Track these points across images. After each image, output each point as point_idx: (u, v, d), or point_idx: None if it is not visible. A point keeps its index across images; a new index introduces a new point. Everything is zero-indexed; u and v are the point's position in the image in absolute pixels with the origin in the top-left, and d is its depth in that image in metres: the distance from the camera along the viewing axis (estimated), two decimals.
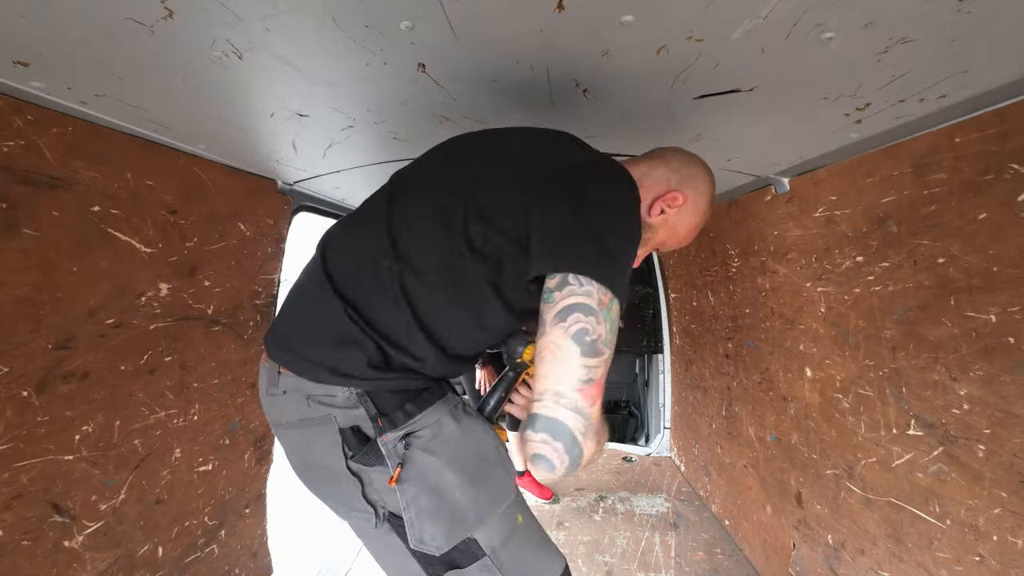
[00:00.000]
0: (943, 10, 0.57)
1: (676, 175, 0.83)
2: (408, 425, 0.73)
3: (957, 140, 0.87)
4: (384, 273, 0.72)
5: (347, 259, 0.77)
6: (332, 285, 0.74)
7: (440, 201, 0.72)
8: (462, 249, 0.69)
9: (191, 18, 0.58)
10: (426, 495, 0.73)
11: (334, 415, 0.73)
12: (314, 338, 0.74)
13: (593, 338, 0.56)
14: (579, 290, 0.58)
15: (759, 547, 1.77)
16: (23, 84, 0.72)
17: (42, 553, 0.85)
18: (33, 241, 0.80)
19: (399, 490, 0.72)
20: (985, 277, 0.85)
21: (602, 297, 0.58)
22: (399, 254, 0.72)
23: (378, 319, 0.72)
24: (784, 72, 0.74)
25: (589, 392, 0.55)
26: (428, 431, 0.74)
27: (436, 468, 0.73)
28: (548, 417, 0.55)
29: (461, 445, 0.76)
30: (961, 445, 0.93)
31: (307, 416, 0.74)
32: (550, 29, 0.63)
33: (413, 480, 0.72)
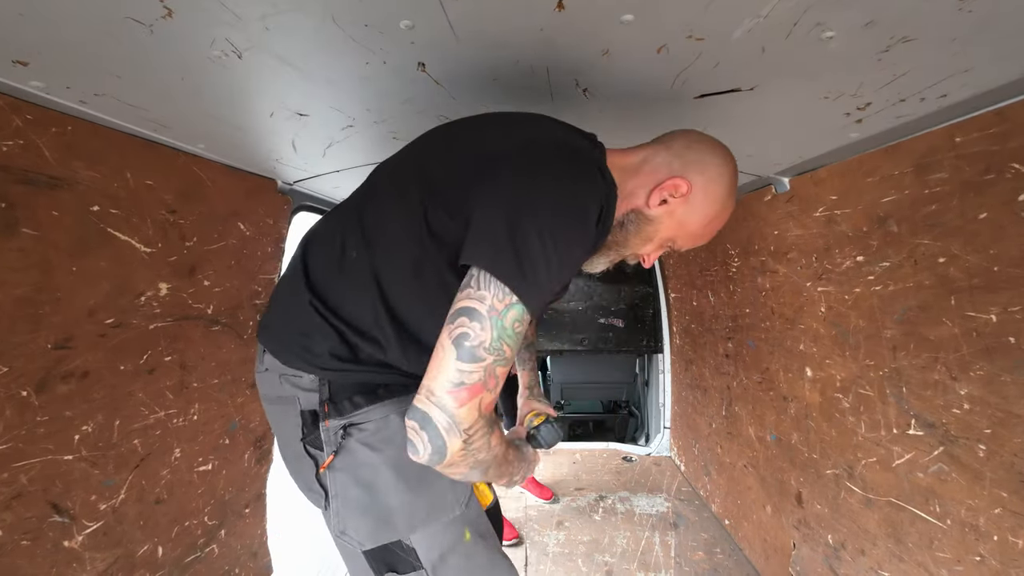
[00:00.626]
0: (944, 9, 0.57)
1: (679, 160, 0.73)
2: (351, 416, 0.72)
3: (958, 139, 0.87)
4: (354, 262, 0.72)
5: (322, 250, 0.77)
6: (305, 276, 0.75)
7: (407, 188, 0.70)
8: (423, 234, 0.67)
9: (190, 17, 0.58)
10: (356, 488, 0.73)
11: (298, 396, 0.75)
12: (287, 324, 0.76)
13: (473, 344, 0.56)
14: (474, 293, 0.58)
15: (759, 547, 1.77)
16: (22, 83, 0.72)
17: (42, 553, 0.85)
18: (32, 241, 0.80)
19: (329, 476, 0.73)
20: (986, 277, 0.85)
21: (495, 303, 0.56)
22: (368, 241, 0.71)
23: (345, 308, 0.72)
24: (784, 71, 0.74)
25: (459, 394, 0.56)
26: (373, 425, 0.73)
27: (373, 463, 0.73)
28: (417, 408, 0.57)
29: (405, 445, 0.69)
30: (962, 445, 0.93)
31: (280, 394, 0.77)
32: (550, 28, 0.63)
33: (345, 470, 0.73)
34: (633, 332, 2.92)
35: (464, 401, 0.56)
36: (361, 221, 0.73)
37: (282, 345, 0.76)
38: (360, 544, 0.74)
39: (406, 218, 0.68)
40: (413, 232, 0.68)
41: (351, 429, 0.73)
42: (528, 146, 0.67)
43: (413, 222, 0.68)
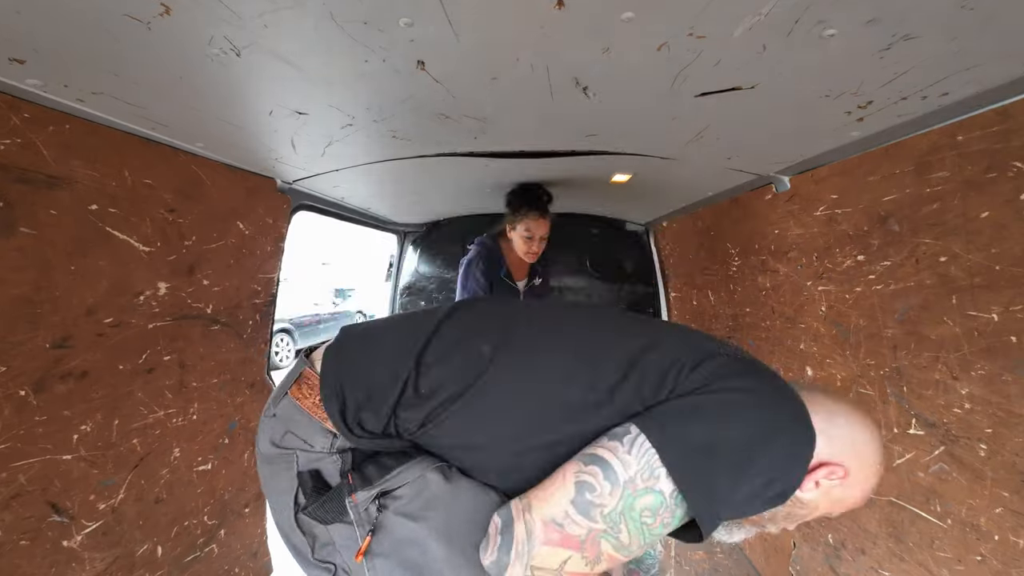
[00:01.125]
0: (946, 7, 0.56)
1: (824, 436, 0.59)
2: (384, 482, 0.61)
3: (959, 138, 0.87)
4: (475, 363, 0.64)
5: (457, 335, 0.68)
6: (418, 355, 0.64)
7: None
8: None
9: (189, 15, 0.58)
10: (403, 572, 0.60)
11: (296, 454, 0.64)
12: (362, 380, 0.65)
13: (592, 499, 0.49)
14: (621, 451, 0.50)
15: (759, 547, 1.77)
16: (19, 82, 0.72)
17: (41, 553, 0.85)
18: (31, 240, 0.80)
19: (367, 566, 0.60)
20: (987, 276, 0.85)
21: (639, 478, 0.49)
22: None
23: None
24: (785, 70, 0.74)
25: (551, 533, 0.50)
26: (408, 489, 0.62)
27: (418, 538, 0.60)
28: (510, 511, 0.53)
29: (452, 508, 0.61)
30: (962, 444, 0.92)
31: (281, 446, 0.66)
32: (550, 26, 0.63)
33: (388, 555, 0.60)
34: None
35: (552, 543, 0.50)
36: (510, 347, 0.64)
37: (342, 398, 0.63)
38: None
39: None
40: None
41: (385, 499, 0.61)
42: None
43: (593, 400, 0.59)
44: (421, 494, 0.62)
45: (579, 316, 0.72)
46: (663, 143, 1.20)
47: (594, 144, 1.22)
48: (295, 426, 0.65)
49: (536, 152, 1.29)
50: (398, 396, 0.61)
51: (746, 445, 0.52)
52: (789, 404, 0.58)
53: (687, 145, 1.18)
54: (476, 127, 1.06)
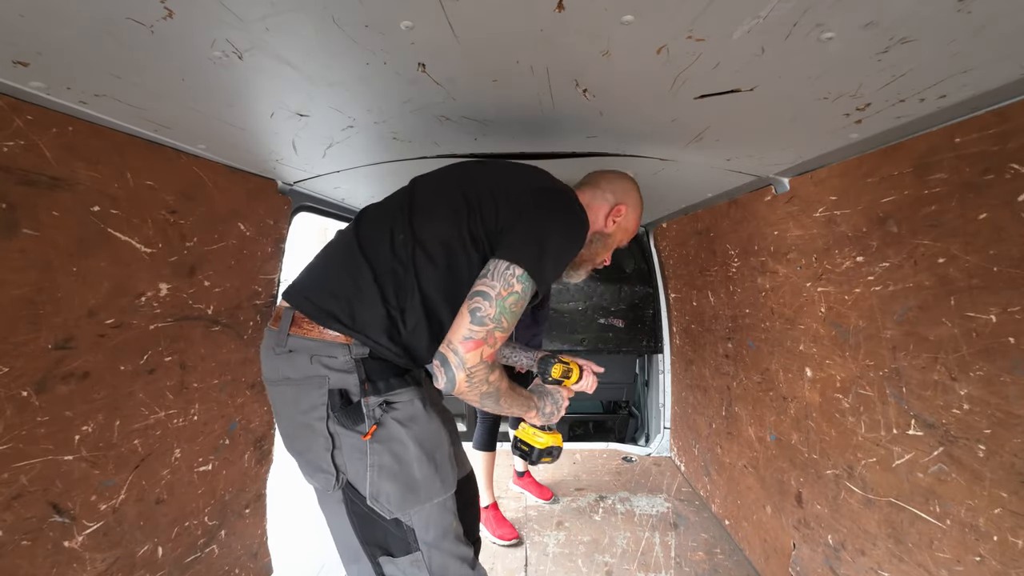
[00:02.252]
0: (943, 10, 0.57)
1: (611, 192, 1.10)
2: (388, 395, 0.85)
3: (957, 140, 0.87)
4: (401, 247, 0.87)
5: (374, 229, 0.92)
6: (361, 250, 0.88)
7: (452, 200, 0.91)
8: (463, 234, 0.87)
9: (191, 18, 0.58)
10: (390, 457, 0.84)
11: (328, 376, 0.84)
12: (335, 289, 0.87)
13: (482, 314, 0.79)
14: (488, 282, 0.81)
15: (759, 547, 1.77)
16: (23, 84, 0.72)
17: (42, 553, 0.85)
18: (33, 241, 0.80)
19: (369, 447, 0.83)
20: (985, 277, 0.85)
21: (502, 290, 0.80)
22: (414, 235, 0.88)
23: (390, 284, 0.86)
24: (784, 72, 0.74)
25: (467, 344, 0.78)
26: (403, 405, 0.86)
27: (403, 438, 0.85)
28: (440, 352, 0.79)
29: (426, 427, 0.88)
30: (961, 445, 0.93)
31: (306, 375, 0.85)
32: (550, 29, 0.63)
33: (383, 441, 0.84)
34: (633, 332, 2.92)
35: (470, 349, 0.78)
36: (410, 219, 0.90)
37: (323, 309, 0.85)
38: (389, 512, 0.84)
39: (448, 224, 0.88)
40: (453, 235, 0.88)
41: (387, 406, 0.85)
42: (545, 190, 0.94)
43: (454, 228, 0.88)
44: (408, 409, 0.86)
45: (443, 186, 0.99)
46: (663, 145, 1.20)
47: (594, 146, 1.23)
48: (315, 350, 0.84)
49: (536, 154, 1.30)
50: (370, 282, 0.86)
51: (546, 233, 0.87)
52: (564, 201, 0.94)
53: (687, 147, 1.19)
54: (476, 129, 1.06)
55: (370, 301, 0.85)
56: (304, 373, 0.84)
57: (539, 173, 1.02)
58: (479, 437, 2.14)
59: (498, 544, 2.00)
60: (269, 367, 0.90)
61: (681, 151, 1.24)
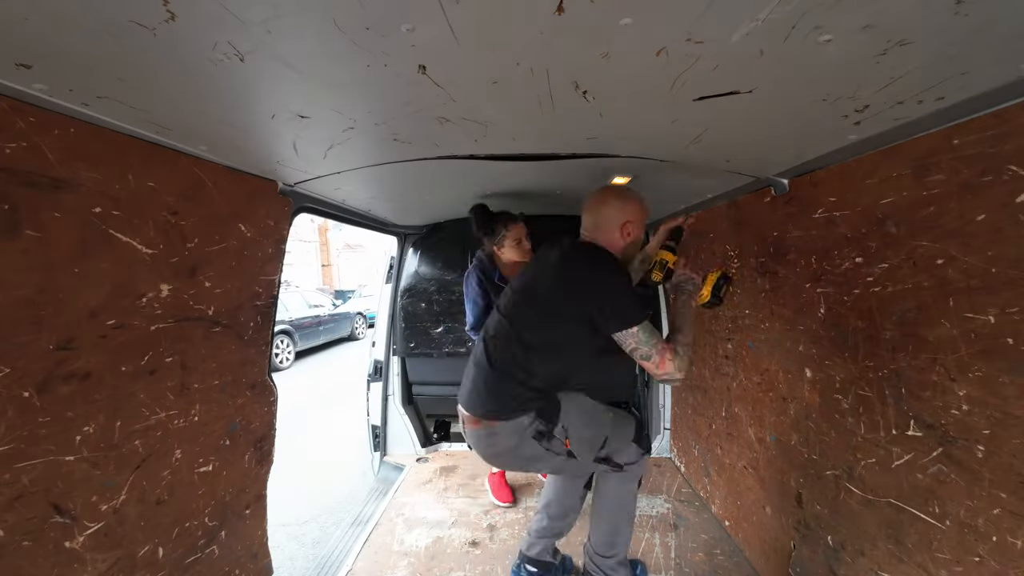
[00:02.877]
0: (941, 13, 0.57)
1: (614, 219, 1.38)
2: (560, 422, 1.37)
3: (955, 142, 0.87)
4: (519, 358, 1.34)
5: (497, 352, 1.38)
6: (493, 367, 1.37)
7: (537, 302, 1.37)
8: (562, 323, 1.33)
9: (193, 20, 0.59)
10: (578, 443, 1.42)
11: (528, 432, 1.35)
12: (499, 396, 1.36)
13: (646, 352, 1.26)
14: (628, 341, 1.26)
15: (759, 548, 1.77)
16: (25, 86, 0.73)
17: (43, 554, 0.85)
18: (35, 242, 0.80)
19: (572, 446, 1.41)
20: (984, 278, 0.86)
21: (636, 344, 1.26)
22: (523, 343, 1.34)
23: (521, 384, 1.34)
24: (783, 74, 0.75)
25: (659, 362, 1.26)
26: (565, 421, 1.39)
27: (577, 431, 1.41)
28: (666, 380, 1.28)
29: (580, 421, 1.42)
30: (960, 446, 0.93)
31: (520, 437, 1.36)
32: (550, 31, 0.63)
33: (573, 439, 1.41)
34: None
35: (662, 363, 1.25)
36: (518, 335, 1.34)
37: (507, 407, 1.35)
38: (586, 459, 1.46)
39: (541, 332, 1.34)
40: (554, 323, 1.32)
41: (563, 427, 1.38)
42: (581, 267, 1.33)
43: (551, 319, 1.32)
44: (569, 421, 1.39)
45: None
46: (662, 146, 1.21)
47: (594, 147, 1.23)
48: (514, 426, 1.35)
49: (536, 155, 1.30)
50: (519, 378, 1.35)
51: (614, 293, 1.28)
52: (604, 256, 1.34)
53: (686, 148, 1.19)
54: (477, 130, 1.06)
55: (522, 394, 1.34)
56: (517, 438, 1.36)
57: (572, 260, 1.36)
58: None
59: (496, 504, 2.35)
60: (488, 449, 1.42)
61: (681, 152, 1.24)
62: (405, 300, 2.83)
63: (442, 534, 2.12)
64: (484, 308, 2.09)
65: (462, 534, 2.12)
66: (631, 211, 1.37)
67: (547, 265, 1.39)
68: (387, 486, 2.72)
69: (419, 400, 3.05)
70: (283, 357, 7.94)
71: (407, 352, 2.87)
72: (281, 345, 7.99)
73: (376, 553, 2.00)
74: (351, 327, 10.79)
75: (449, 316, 2.76)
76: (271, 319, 1.49)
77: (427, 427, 3.14)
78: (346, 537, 2.38)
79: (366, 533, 2.15)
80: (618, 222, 1.37)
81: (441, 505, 2.38)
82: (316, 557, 2.37)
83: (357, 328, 11.03)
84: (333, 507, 3.04)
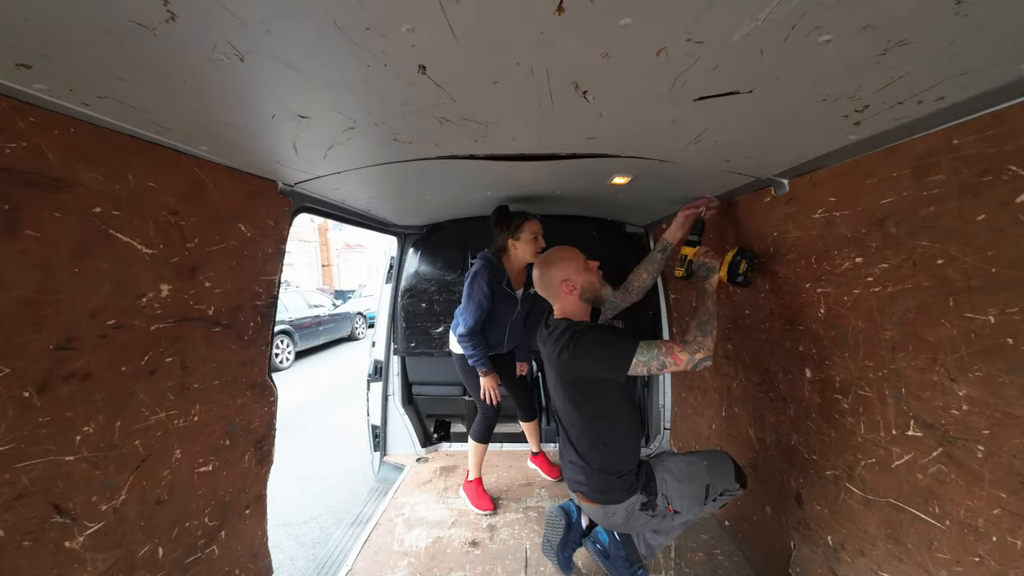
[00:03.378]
0: (941, 12, 0.57)
1: (553, 284, 1.54)
2: (660, 491, 1.53)
3: (955, 142, 0.87)
4: (577, 438, 1.57)
5: (578, 443, 1.57)
6: (592, 462, 1.54)
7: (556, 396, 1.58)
8: (574, 398, 1.51)
9: (193, 21, 0.59)
10: (680, 502, 1.53)
11: (635, 507, 1.52)
12: (611, 490, 1.53)
13: (649, 370, 1.37)
14: (636, 367, 1.36)
15: (759, 548, 1.77)
16: (25, 86, 0.73)
17: (43, 554, 0.85)
18: (35, 242, 0.81)
19: (676, 507, 1.53)
20: (984, 278, 0.86)
21: (640, 364, 1.36)
22: (567, 420, 1.59)
23: (589, 454, 1.54)
24: (783, 74, 0.75)
25: (674, 362, 1.36)
26: (663, 488, 1.53)
27: (677, 493, 1.53)
28: (690, 365, 1.37)
29: (676, 482, 1.54)
30: (960, 446, 0.93)
31: (632, 512, 1.53)
32: (550, 31, 0.63)
33: (675, 503, 1.53)
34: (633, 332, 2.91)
35: (678, 361, 1.35)
36: (573, 430, 1.56)
37: (612, 498, 1.52)
38: (690, 511, 1.56)
39: (566, 399, 1.52)
40: (570, 400, 1.51)
41: (660, 495, 1.53)
42: (565, 344, 1.45)
43: (568, 398, 1.51)
44: (665, 486, 1.53)
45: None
46: (662, 146, 1.21)
47: (594, 147, 1.23)
48: (626, 508, 1.53)
49: (536, 155, 1.30)
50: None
51: (594, 344, 1.41)
52: (571, 327, 1.46)
53: (686, 148, 1.19)
54: (477, 130, 1.06)
55: (620, 486, 1.52)
56: (626, 514, 1.53)
57: (556, 334, 1.49)
58: (476, 430, 2.34)
59: (475, 512, 2.30)
60: (606, 521, 1.59)
61: (680, 152, 1.24)
62: (406, 300, 2.83)
63: (442, 534, 2.12)
64: (484, 312, 2.06)
65: (462, 534, 2.12)
66: (561, 270, 1.52)
67: (550, 363, 1.54)
68: (387, 486, 2.73)
69: (419, 400, 3.05)
70: (283, 357, 7.94)
71: (408, 351, 2.87)
72: (281, 345, 7.99)
73: (376, 553, 2.00)
74: (351, 327, 10.79)
75: (449, 316, 2.76)
76: (271, 319, 1.49)
77: (427, 427, 3.14)
78: (346, 537, 2.38)
79: (366, 533, 2.15)
80: (556, 285, 1.52)
81: (441, 505, 2.38)
82: (316, 557, 2.37)
83: (357, 328, 11.03)
84: (333, 507, 3.04)
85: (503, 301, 2.13)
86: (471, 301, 2.05)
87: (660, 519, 1.54)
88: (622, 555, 1.73)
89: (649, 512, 1.51)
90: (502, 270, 2.10)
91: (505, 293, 2.12)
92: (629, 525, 1.58)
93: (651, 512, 1.51)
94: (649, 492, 1.50)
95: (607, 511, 1.53)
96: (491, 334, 2.19)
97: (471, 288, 2.06)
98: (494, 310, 2.11)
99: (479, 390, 2.22)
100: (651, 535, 1.69)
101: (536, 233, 2.03)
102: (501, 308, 2.13)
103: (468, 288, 2.07)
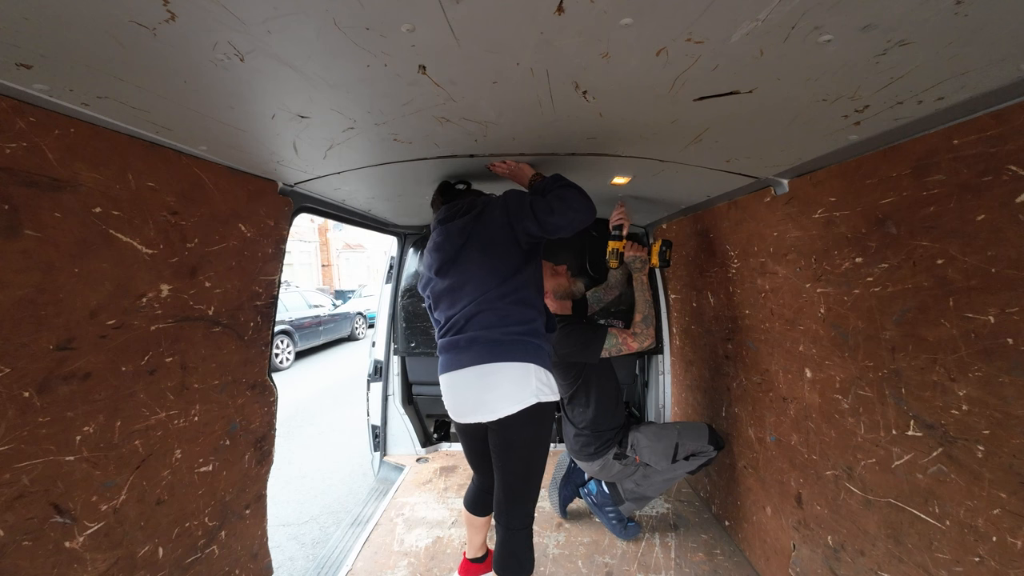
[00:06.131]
0: (941, 13, 0.57)
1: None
2: (629, 443, 1.95)
3: (955, 142, 0.87)
4: (575, 414, 2.06)
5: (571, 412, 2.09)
6: (578, 426, 2.02)
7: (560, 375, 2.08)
8: (571, 383, 2.06)
9: (193, 21, 0.59)
10: (650, 455, 1.90)
11: (610, 456, 1.94)
12: (599, 448, 1.98)
13: (613, 353, 1.86)
14: (612, 346, 1.83)
15: (759, 548, 1.77)
16: (26, 86, 0.73)
17: (43, 554, 0.85)
18: (35, 242, 0.81)
19: (645, 458, 1.92)
20: (983, 278, 0.86)
21: (612, 349, 1.85)
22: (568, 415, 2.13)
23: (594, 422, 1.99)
24: (783, 74, 0.75)
25: (627, 344, 1.83)
26: (633, 440, 1.94)
27: (645, 447, 1.91)
28: (638, 341, 1.85)
29: (646, 438, 1.93)
30: (960, 446, 0.93)
31: (607, 463, 1.97)
32: (550, 31, 0.63)
33: (644, 454, 1.91)
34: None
35: (629, 346, 1.82)
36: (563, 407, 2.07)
37: (595, 453, 1.96)
38: (660, 464, 1.91)
39: (558, 377, 1.99)
40: (561, 377, 2.02)
41: (630, 446, 1.95)
42: (561, 339, 1.97)
43: (560, 376, 2.02)
44: (636, 444, 1.95)
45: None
46: (663, 146, 1.21)
47: (594, 147, 1.23)
48: (610, 464, 1.97)
49: (536, 155, 1.30)
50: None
51: (574, 336, 1.89)
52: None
53: (686, 148, 1.19)
54: (477, 130, 1.06)
55: (600, 448, 1.98)
56: (605, 462, 1.96)
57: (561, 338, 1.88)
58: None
59: None
60: (590, 471, 2.05)
61: (681, 152, 1.24)
62: (405, 300, 2.83)
63: (442, 534, 2.12)
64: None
65: (462, 534, 2.12)
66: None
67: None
68: (387, 486, 2.73)
69: (419, 400, 3.05)
70: (283, 357, 7.93)
71: (408, 351, 2.87)
72: (281, 345, 7.98)
73: (376, 553, 2.00)
74: (351, 327, 10.79)
75: None
76: (271, 319, 1.49)
77: (427, 427, 3.14)
78: (346, 537, 2.38)
79: (366, 533, 2.15)
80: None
81: (441, 505, 2.38)
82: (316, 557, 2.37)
83: (357, 328, 11.03)
84: (333, 507, 3.04)
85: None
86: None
87: (632, 469, 1.94)
88: (609, 502, 2.07)
89: (622, 462, 1.93)
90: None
91: None
92: (606, 472, 1.98)
93: (623, 462, 1.93)
94: (621, 445, 1.93)
95: (590, 465, 1.99)
96: None
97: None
98: None
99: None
100: (630, 483, 2.00)
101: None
102: None
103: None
